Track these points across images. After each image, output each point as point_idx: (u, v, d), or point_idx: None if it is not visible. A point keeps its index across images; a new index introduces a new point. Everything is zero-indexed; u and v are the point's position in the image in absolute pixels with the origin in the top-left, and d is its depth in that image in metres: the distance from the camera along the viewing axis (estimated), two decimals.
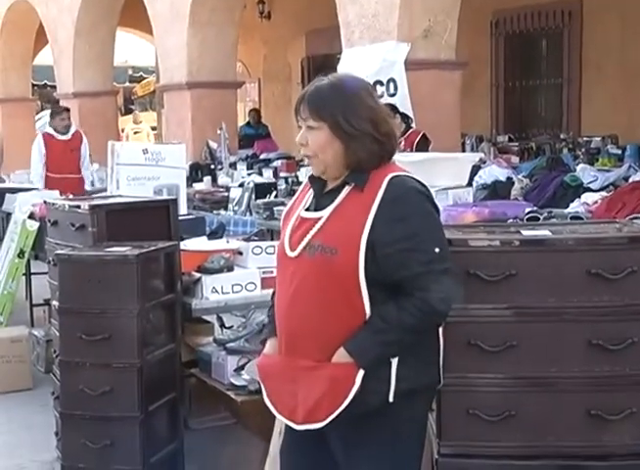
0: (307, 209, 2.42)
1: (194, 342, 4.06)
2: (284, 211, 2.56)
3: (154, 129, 18.06)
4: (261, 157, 10.42)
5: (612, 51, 10.43)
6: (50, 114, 9.18)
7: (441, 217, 2.43)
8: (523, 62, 11.90)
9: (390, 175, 2.31)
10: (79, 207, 3.95)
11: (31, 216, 6.42)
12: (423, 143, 6.73)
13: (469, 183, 5.90)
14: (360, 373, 2.27)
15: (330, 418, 2.29)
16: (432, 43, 7.49)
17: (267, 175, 8.22)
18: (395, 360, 2.29)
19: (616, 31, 10.37)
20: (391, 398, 2.29)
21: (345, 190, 2.34)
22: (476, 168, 6.47)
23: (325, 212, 2.34)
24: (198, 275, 3.92)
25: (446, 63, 7.64)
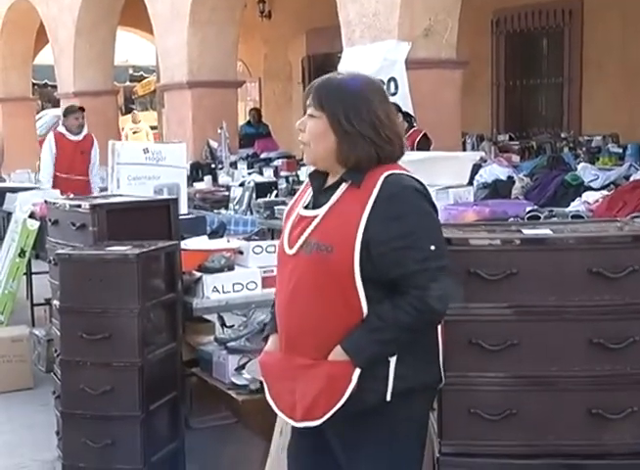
0: (306, 206, 2.42)
1: (195, 341, 4.06)
2: (286, 209, 2.56)
3: (154, 129, 18.06)
4: (262, 156, 10.43)
5: (612, 50, 10.42)
6: (63, 112, 8.82)
7: (442, 216, 2.43)
8: (523, 61, 11.90)
9: (386, 173, 2.30)
10: (80, 206, 3.95)
11: (32, 216, 6.42)
12: (423, 142, 6.73)
13: (469, 182, 5.89)
14: (356, 371, 2.26)
15: (327, 416, 2.29)
16: (432, 42, 7.49)
17: (268, 174, 8.22)
18: (393, 359, 2.29)
19: (616, 30, 10.37)
20: (389, 396, 2.29)
21: (342, 188, 2.34)
22: (476, 167, 6.46)
23: (322, 210, 2.34)
24: (198, 274, 3.92)
25: (447, 62, 7.63)
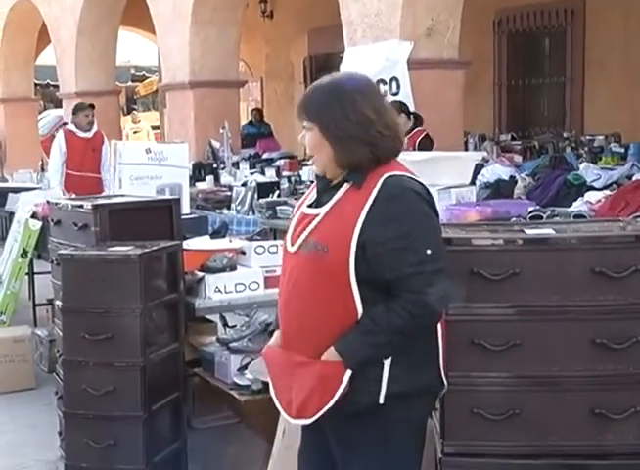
0: (310, 205, 2.43)
1: (197, 341, 4.06)
2: (295, 206, 2.58)
3: (155, 129, 18.06)
4: (264, 156, 10.42)
5: (615, 49, 10.41)
6: (73, 110, 8.66)
7: (444, 216, 2.42)
8: (525, 60, 11.88)
9: (386, 175, 2.30)
10: (82, 206, 3.95)
11: (34, 216, 6.42)
12: (425, 143, 6.71)
13: (472, 182, 5.88)
14: (348, 373, 2.27)
15: (318, 415, 2.30)
16: (434, 42, 7.48)
17: (270, 174, 8.21)
18: (387, 361, 2.28)
19: (619, 29, 10.35)
20: (382, 399, 2.29)
21: (344, 188, 2.34)
22: (478, 167, 6.44)
23: (323, 210, 2.35)
24: (201, 274, 3.92)
25: (449, 61, 7.62)
